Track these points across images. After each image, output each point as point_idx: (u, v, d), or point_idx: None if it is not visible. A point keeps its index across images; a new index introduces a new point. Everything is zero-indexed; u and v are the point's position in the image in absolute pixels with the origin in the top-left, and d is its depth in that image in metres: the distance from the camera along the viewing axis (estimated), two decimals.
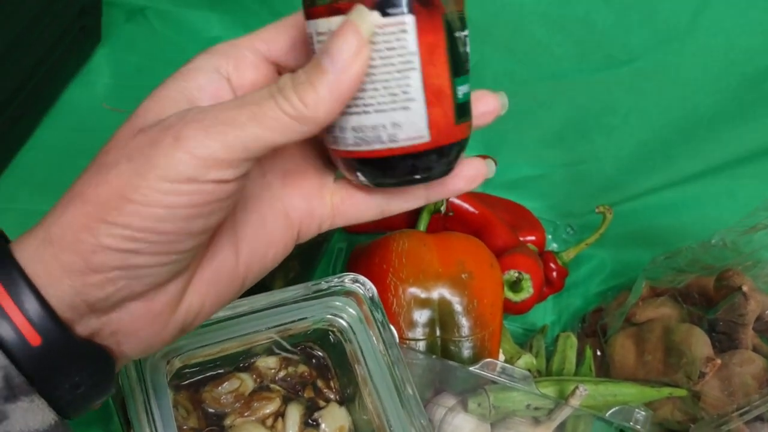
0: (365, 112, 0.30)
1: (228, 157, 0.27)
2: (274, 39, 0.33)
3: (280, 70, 0.34)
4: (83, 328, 0.29)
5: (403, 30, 0.29)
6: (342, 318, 0.50)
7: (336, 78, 0.28)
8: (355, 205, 0.35)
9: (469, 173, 0.36)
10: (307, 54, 0.33)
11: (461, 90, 0.31)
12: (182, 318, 0.32)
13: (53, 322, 0.28)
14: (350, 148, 0.31)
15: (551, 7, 0.70)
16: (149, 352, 0.32)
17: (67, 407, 0.29)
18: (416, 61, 0.29)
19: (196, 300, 0.32)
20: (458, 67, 0.31)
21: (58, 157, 0.77)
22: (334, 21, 0.29)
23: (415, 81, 0.29)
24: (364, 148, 0.31)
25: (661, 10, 0.68)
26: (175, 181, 0.27)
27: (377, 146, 0.30)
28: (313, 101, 0.28)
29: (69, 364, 0.29)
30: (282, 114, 0.28)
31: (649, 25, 0.69)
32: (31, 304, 0.27)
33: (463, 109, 0.32)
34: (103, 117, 0.81)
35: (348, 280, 0.50)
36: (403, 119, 0.30)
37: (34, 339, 0.27)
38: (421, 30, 0.29)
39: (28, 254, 0.28)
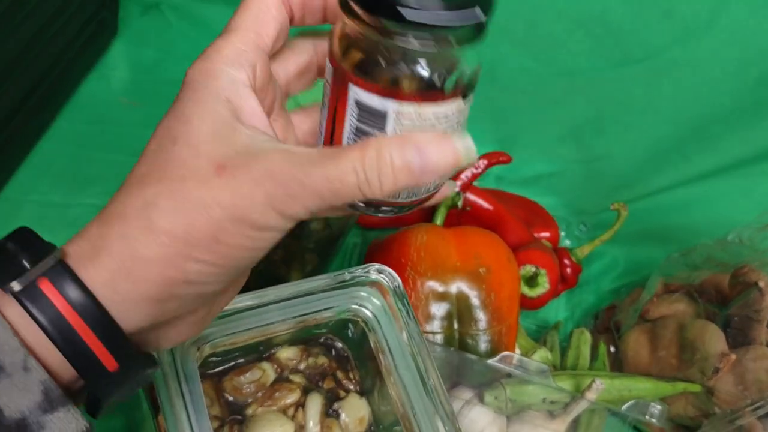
0: None
1: (302, 216, 0.30)
2: (265, 32, 0.34)
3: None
4: (138, 338, 0.31)
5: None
6: (367, 308, 0.50)
7: (416, 181, 0.30)
8: None
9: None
10: (311, 79, 0.36)
11: None
12: (211, 317, 0.35)
13: (128, 349, 0.30)
14: None
15: (568, 5, 0.71)
16: (181, 343, 0.35)
17: (103, 411, 0.31)
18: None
19: (222, 302, 0.35)
20: None
21: (74, 149, 0.77)
22: (427, 109, 0.31)
23: None
24: None
25: (678, 8, 0.68)
26: (261, 230, 0.29)
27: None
28: (389, 190, 0.30)
29: (131, 381, 0.31)
30: (360, 195, 0.30)
31: (665, 23, 0.69)
32: (109, 334, 0.29)
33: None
34: (119, 109, 0.82)
35: (373, 270, 0.50)
36: None
37: (111, 365, 0.29)
38: None
39: (101, 284, 0.29)
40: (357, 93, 0.31)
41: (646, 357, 0.68)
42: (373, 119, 0.32)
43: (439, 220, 0.72)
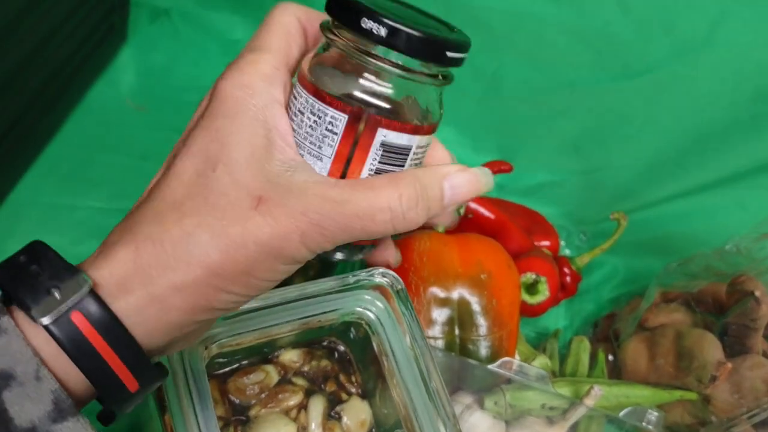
0: None
1: (327, 248, 0.32)
2: (291, 54, 0.35)
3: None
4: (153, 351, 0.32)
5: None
6: (370, 311, 0.51)
7: (443, 210, 0.33)
8: None
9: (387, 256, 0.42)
10: None
11: None
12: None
13: (149, 371, 0.31)
14: None
15: (570, 18, 0.72)
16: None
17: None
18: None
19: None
20: None
21: (83, 152, 0.78)
22: (425, 140, 0.34)
23: None
24: None
25: (678, 23, 0.69)
26: (290, 263, 0.31)
27: None
28: (419, 222, 0.32)
29: (146, 393, 0.32)
30: (389, 229, 0.31)
31: (666, 37, 0.70)
32: (135, 360, 0.30)
33: None
34: (127, 114, 0.83)
35: (377, 274, 0.51)
36: None
37: (133, 386, 0.30)
38: None
39: (128, 311, 0.29)
40: (386, 135, 0.33)
41: (645, 365, 0.69)
42: (397, 157, 0.33)
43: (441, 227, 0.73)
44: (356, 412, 0.54)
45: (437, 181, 0.32)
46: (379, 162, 0.33)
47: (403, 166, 0.34)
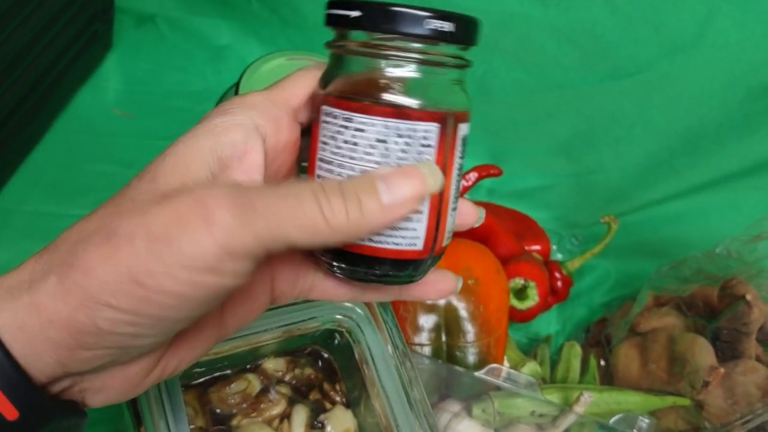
0: None
1: (252, 250, 0.25)
2: (297, 94, 0.32)
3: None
4: (54, 387, 0.28)
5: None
6: (351, 318, 0.50)
7: (383, 212, 0.27)
8: (334, 287, 0.35)
9: (443, 288, 0.37)
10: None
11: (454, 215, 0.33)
12: (156, 377, 0.30)
13: (32, 396, 0.26)
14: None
15: (559, 19, 0.71)
16: (116, 402, 0.30)
17: None
18: None
19: (172, 362, 0.31)
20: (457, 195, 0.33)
21: (67, 159, 0.78)
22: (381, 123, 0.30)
23: (425, 201, 0.31)
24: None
25: (667, 23, 0.69)
26: (194, 270, 0.24)
27: (366, 243, 0.31)
28: (355, 220, 0.26)
29: (46, 430, 0.27)
30: (320, 219, 0.26)
31: (655, 38, 0.70)
32: (9, 379, 0.25)
33: (451, 233, 0.34)
34: (112, 121, 0.82)
35: None
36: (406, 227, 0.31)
37: (11, 414, 0.25)
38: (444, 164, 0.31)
39: (8, 318, 0.25)
40: (463, 129, 0.32)
41: (637, 370, 0.68)
42: (465, 149, 0.32)
43: None
44: (340, 422, 0.53)
45: (368, 177, 0.27)
46: (460, 158, 0.32)
47: (464, 157, 0.33)
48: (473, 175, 0.75)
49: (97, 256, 0.25)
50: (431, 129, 0.30)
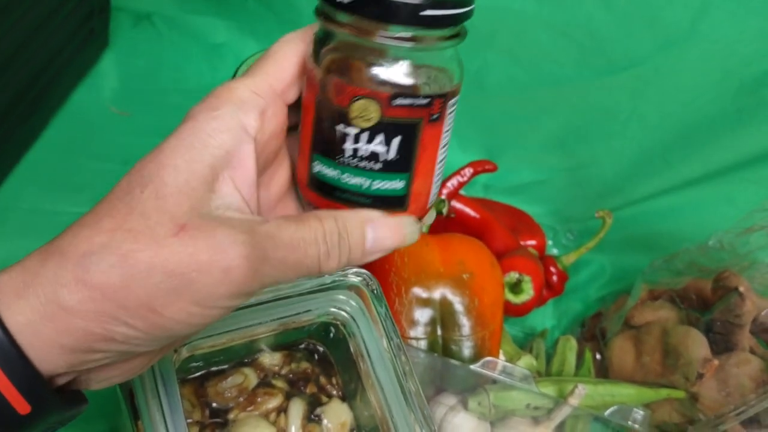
0: None
1: (256, 292, 0.29)
2: (283, 77, 0.32)
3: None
4: (60, 380, 0.29)
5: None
6: (345, 311, 0.50)
7: (363, 258, 0.30)
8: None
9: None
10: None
11: (318, 166, 0.33)
12: (157, 360, 0.33)
13: (44, 392, 0.28)
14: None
15: (553, 14, 0.72)
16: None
17: None
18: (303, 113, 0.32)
19: (174, 345, 0.34)
20: (319, 145, 0.32)
21: (64, 158, 0.78)
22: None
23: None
24: None
25: (661, 17, 0.69)
26: (205, 308, 0.28)
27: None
28: (342, 264, 0.30)
29: (51, 420, 0.29)
30: (316, 268, 0.29)
31: (649, 32, 0.70)
32: (24, 378, 0.27)
33: (314, 180, 0.33)
34: (110, 119, 0.83)
35: (351, 274, 0.50)
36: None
37: (24, 409, 0.27)
38: (305, 94, 0.32)
39: (22, 323, 0.27)
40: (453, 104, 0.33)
41: (631, 363, 0.68)
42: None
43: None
44: (337, 415, 0.54)
45: (359, 223, 0.30)
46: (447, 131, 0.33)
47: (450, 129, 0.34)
48: (468, 171, 0.76)
49: (115, 280, 0.26)
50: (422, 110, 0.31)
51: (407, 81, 0.30)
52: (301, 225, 0.29)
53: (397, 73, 0.30)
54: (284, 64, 0.32)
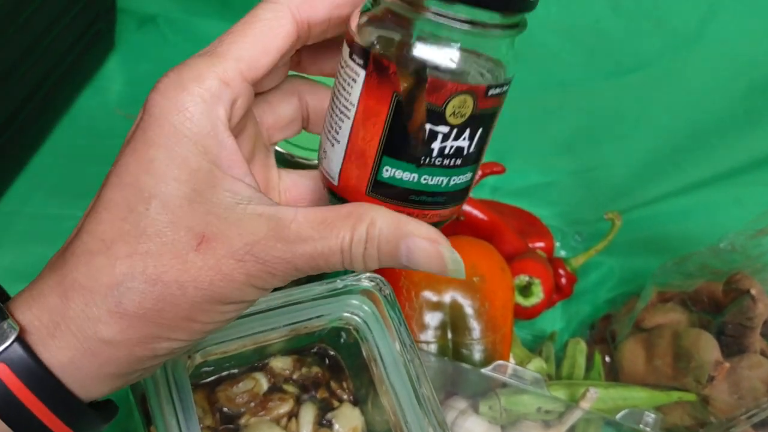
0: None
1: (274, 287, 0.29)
2: (257, 66, 0.29)
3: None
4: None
5: (353, 79, 0.28)
6: (358, 316, 0.50)
7: (396, 266, 0.29)
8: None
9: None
10: (297, 129, 0.35)
11: (390, 171, 0.29)
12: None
13: (89, 419, 0.29)
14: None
15: (561, 16, 0.71)
16: None
17: None
18: (352, 113, 0.29)
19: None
20: (396, 148, 0.29)
21: (70, 161, 0.77)
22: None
23: (345, 128, 0.29)
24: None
25: (669, 19, 0.69)
26: (236, 304, 0.29)
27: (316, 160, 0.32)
28: (363, 267, 0.29)
29: None
30: (340, 269, 0.29)
31: (657, 33, 0.70)
32: (70, 412, 0.28)
33: (382, 187, 0.30)
34: (115, 123, 0.82)
35: (364, 278, 0.50)
36: (329, 152, 0.30)
37: None
38: (367, 91, 0.28)
39: (64, 363, 0.27)
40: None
41: (642, 366, 0.68)
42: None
43: None
44: (348, 420, 0.53)
45: (396, 237, 0.28)
46: None
47: None
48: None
49: (149, 305, 0.27)
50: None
51: (499, 69, 0.28)
52: (327, 232, 0.27)
53: (493, 62, 0.28)
54: (261, 50, 0.29)
